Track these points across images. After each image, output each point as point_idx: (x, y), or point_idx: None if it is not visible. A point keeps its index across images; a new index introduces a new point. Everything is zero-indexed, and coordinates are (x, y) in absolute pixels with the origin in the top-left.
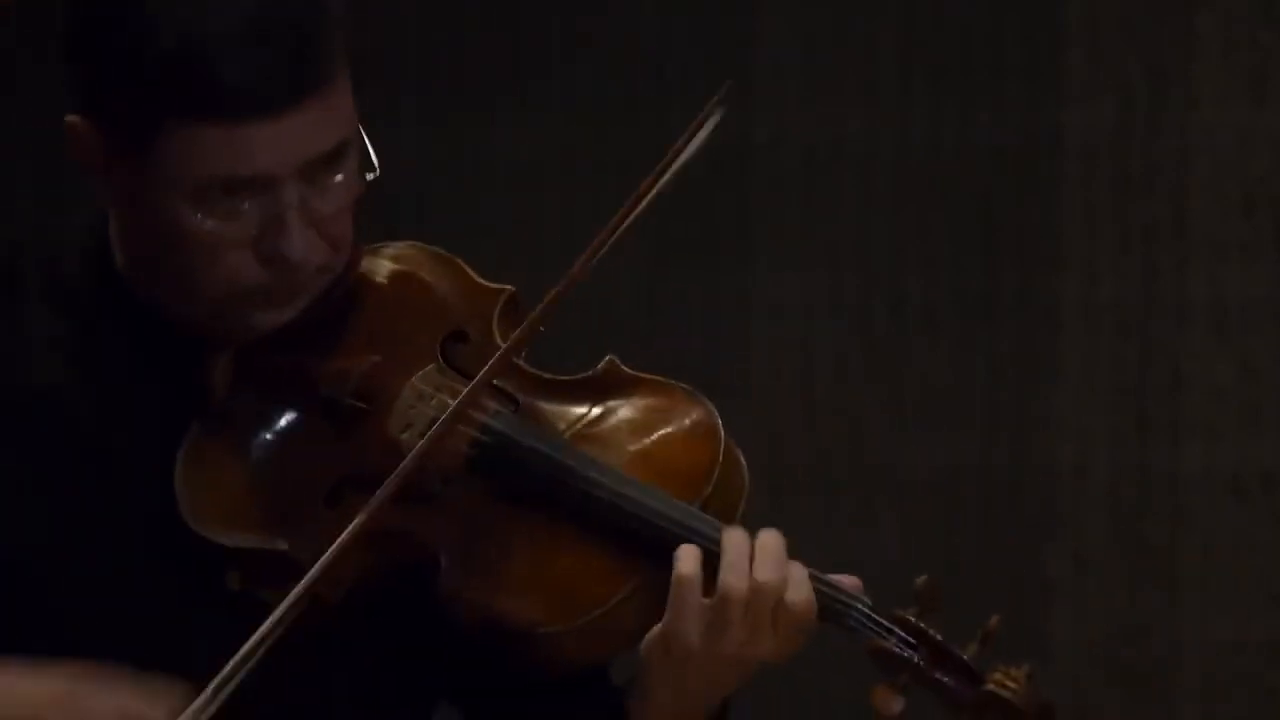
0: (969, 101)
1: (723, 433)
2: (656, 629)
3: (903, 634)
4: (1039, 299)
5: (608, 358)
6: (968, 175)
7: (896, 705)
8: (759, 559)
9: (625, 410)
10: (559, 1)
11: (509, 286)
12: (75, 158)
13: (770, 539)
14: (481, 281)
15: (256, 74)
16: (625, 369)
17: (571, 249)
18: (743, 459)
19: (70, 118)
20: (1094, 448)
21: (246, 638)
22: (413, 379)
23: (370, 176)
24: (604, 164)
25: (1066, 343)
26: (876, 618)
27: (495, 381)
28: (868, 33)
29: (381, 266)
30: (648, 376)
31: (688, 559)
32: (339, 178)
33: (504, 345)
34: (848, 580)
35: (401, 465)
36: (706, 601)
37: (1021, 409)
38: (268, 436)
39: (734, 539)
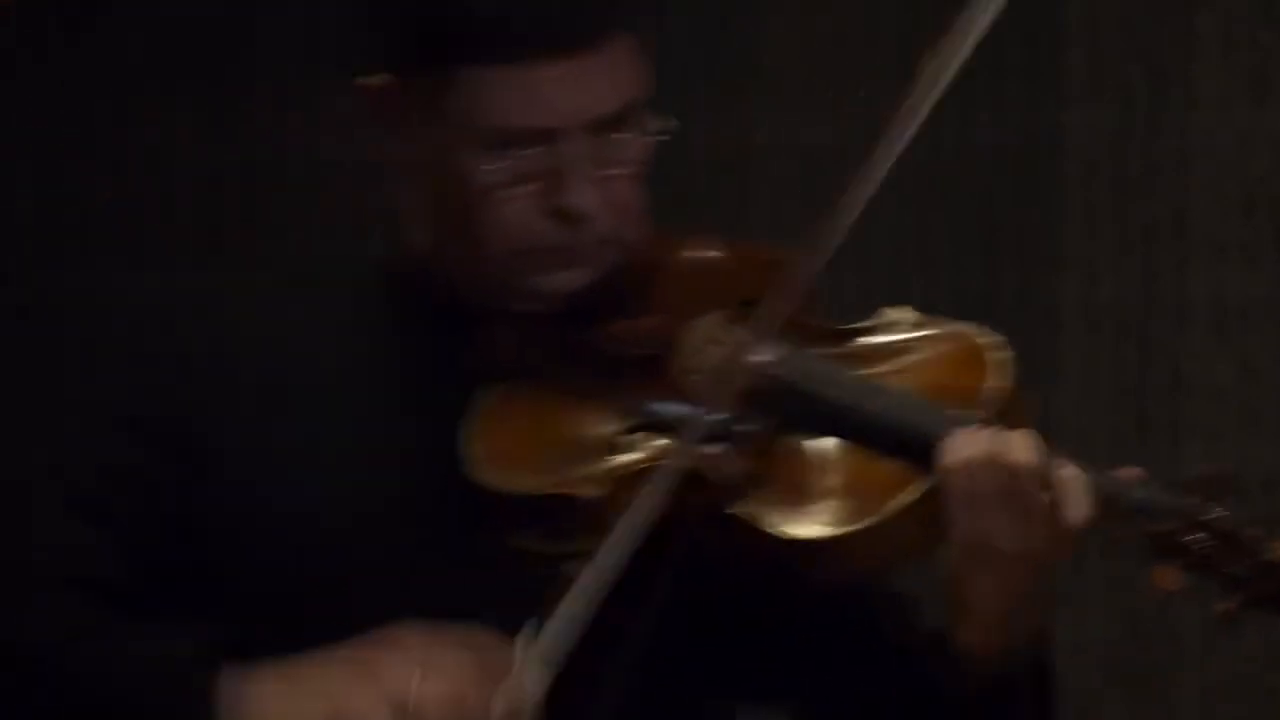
0: (969, 102)
1: (1004, 360)
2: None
3: (1183, 519)
4: (1039, 299)
5: (884, 309)
6: (968, 176)
7: (1179, 580)
8: (1013, 445)
9: (903, 343)
10: None
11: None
12: (374, 120)
13: (1025, 433)
14: (774, 255)
15: (544, 15)
16: (905, 311)
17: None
18: (1028, 406)
19: (367, 79)
20: (1094, 448)
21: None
22: (699, 321)
23: (650, 139)
24: None
25: (1066, 343)
26: (1161, 502)
27: (779, 340)
28: (867, 34)
29: (672, 244)
30: (931, 318)
31: (950, 449)
32: (624, 137)
33: (786, 281)
34: (1131, 472)
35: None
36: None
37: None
38: (554, 394)
39: (986, 431)
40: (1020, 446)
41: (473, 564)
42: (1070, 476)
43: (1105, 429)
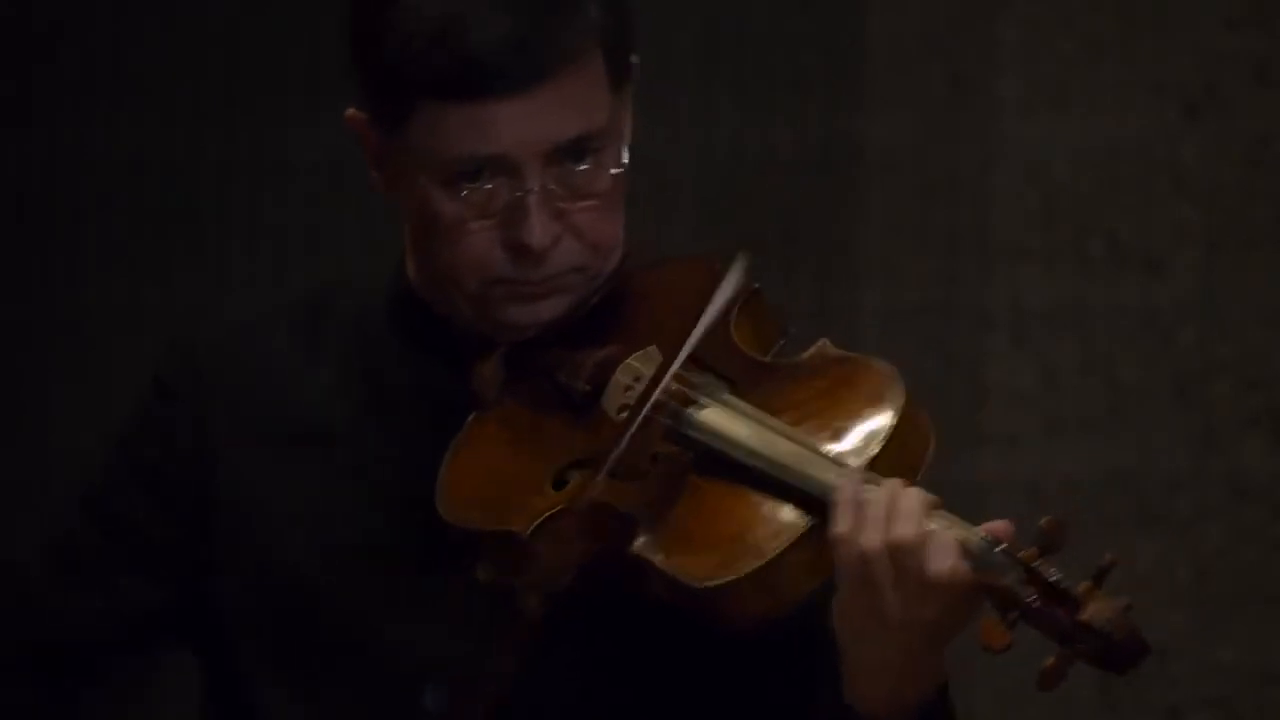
0: (769, 108)
1: (900, 398)
2: (835, 607)
3: (1020, 571)
4: (839, 307)
5: (821, 340)
6: (767, 182)
7: (1006, 639)
8: (894, 515)
9: (819, 383)
10: None
11: (754, 285)
12: (362, 150)
13: (909, 496)
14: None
15: (502, 52)
16: (833, 349)
17: None
18: (932, 437)
19: (348, 111)
20: None
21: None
22: (628, 359)
23: (615, 171)
24: None
25: (868, 350)
26: (998, 557)
27: (696, 375)
28: (668, 41)
29: (646, 268)
30: (854, 355)
31: (848, 538)
32: (585, 168)
33: (701, 326)
34: (995, 525)
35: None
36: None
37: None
38: (518, 427)
39: (866, 493)
40: (896, 518)
41: (442, 596)
42: (939, 535)
43: None
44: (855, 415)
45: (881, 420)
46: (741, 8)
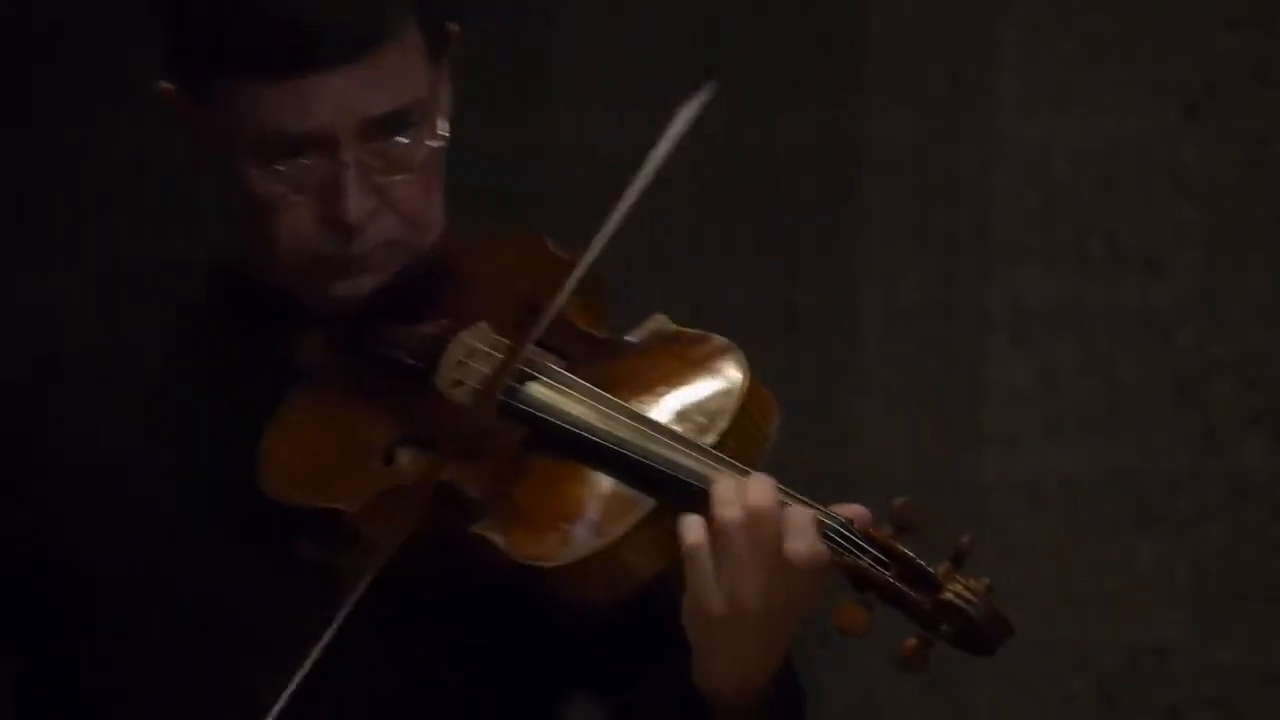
0: (770, 107)
1: (743, 377)
2: (686, 601)
3: (875, 551)
4: (840, 306)
5: (655, 315)
6: (768, 181)
7: (864, 620)
8: (748, 489)
9: (662, 357)
10: None
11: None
12: (178, 123)
13: (759, 477)
14: (563, 257)
15: (318, 25)
16: (671, 325)
17: None
18: (775, 409)
19: (162, 84)
20: (896, 454)
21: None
22: (460, 335)
23: (433, 144)
24: None
25: (868, 350)
26: (852, 536)
27: (543, 338)
28: (668, 41)
29: (469, 244)
30: (691, 331)
31: (693, 529)
32: (402, 141)
33: (549, 307)
34: (851, 509)
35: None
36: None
37: (824, 418)
38: (341, 403)
39: (722, 477)
40: (755, 490)
41: (264, 572)
42: (797, 514)
43: (907, 436)
44: (698, 391)
45: (725, 396)
46: (741, 8)
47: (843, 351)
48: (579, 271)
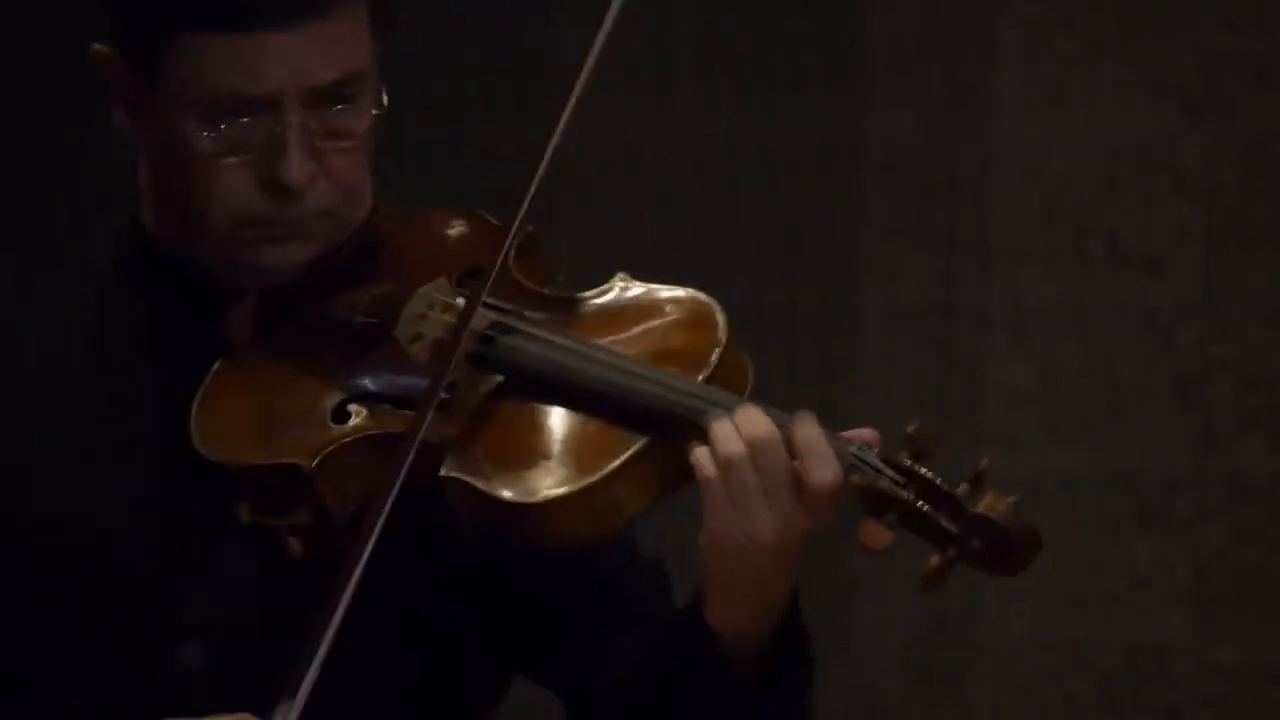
0: (770, 107)
1: (725, 322)
2: (702, 535)
3: (894, 473)
4: (840, 305)
5: (618, 274)
6: (768, 180)
7: (886, 539)
8: (744, 424)
9: (631, 308)
10: None
11: (529, 226)
12: (108, 88)
13: (748, 408)
14: (499, 224)
15: None
16: (634, 281)
17: None
18: (749, 364)
19: (94, 47)
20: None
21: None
22: (422, 288)
23: (374, 112)
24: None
25: (868, 349)
26: (870, 459)
27: (500, 303)
28: (668, 41)
29: (400, 216)
30: (657, 285)
31: (705, 464)
32: (344, 109)
33: (507, 242)
34: (862, 433)
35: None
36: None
37: (825, 418)
38: (280, 366)
39: (716, 414)
40: (755, 420)
41: (207, 544)
42: (813, 438)
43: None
44: (677, 335)
45: (705, 345)
46: (741, 7)
47: (843, 351)
48: (524, 209)
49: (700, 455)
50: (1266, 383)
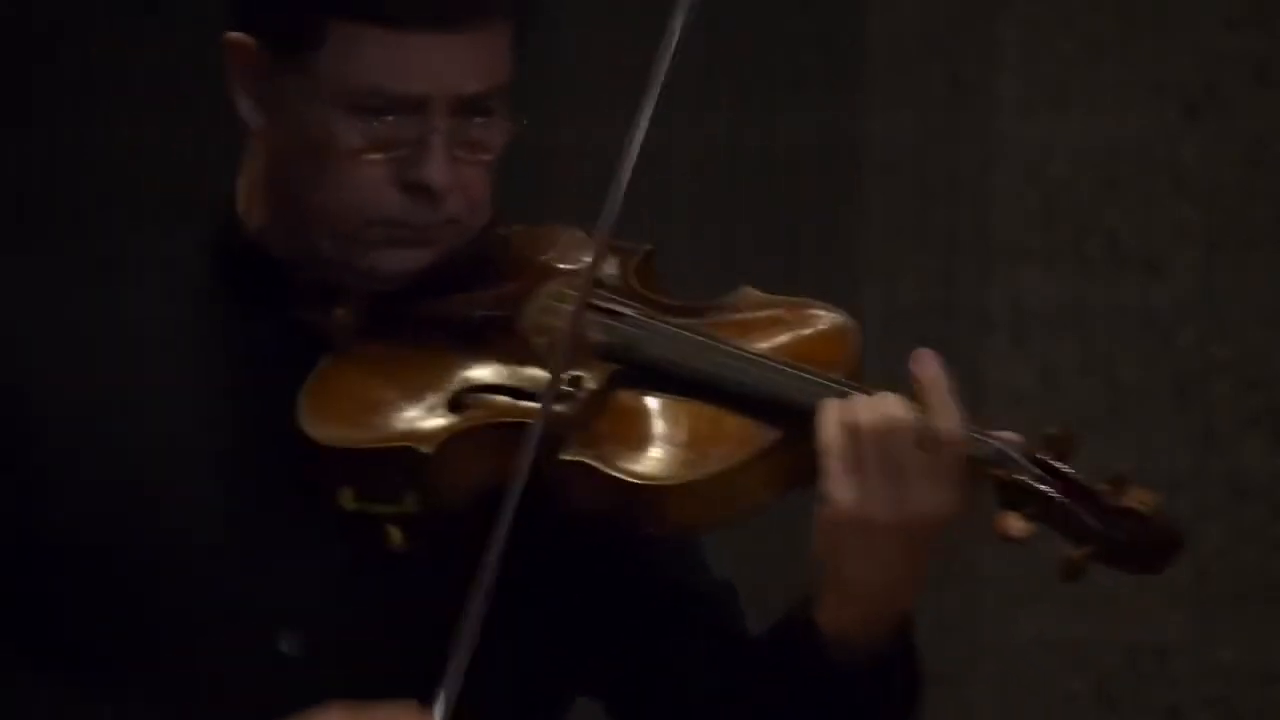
0: (770, 106)
1: (856, 339)
2: (818, 508)
3: (1037, 469)
4: (839, 304)
5: (743, 286)
6: (768, 180)
7: (1027, 530)
8: (881, 400)
9: (761, 317)
10: None
11: (647, 245)
12: (231, 79)
13: (889, 395)
14: (617, 243)
15: None
16: (760, 292)
17: None
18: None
19: (230, 35)
20: None
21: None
22: (549, 286)
23: (510, 126)
24: None
25: (867, 349)
26: (1013, 453)
27: (625, 299)
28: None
29: (516, 232)
30: (784, 297)
31: (829, 425)
32: (484, 122)
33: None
34: (1005, 434)
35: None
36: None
37: None
38: (395, 356)
39: (858, 396)
40: (893, 404)
41: (302, 534)
42: (946, 427)
43: None
44: (813, 344)
45: (839, 344)
46: (741, 7)
47: None
48: (621, 185)
49: (826, 415)
50: (1266, 383)
